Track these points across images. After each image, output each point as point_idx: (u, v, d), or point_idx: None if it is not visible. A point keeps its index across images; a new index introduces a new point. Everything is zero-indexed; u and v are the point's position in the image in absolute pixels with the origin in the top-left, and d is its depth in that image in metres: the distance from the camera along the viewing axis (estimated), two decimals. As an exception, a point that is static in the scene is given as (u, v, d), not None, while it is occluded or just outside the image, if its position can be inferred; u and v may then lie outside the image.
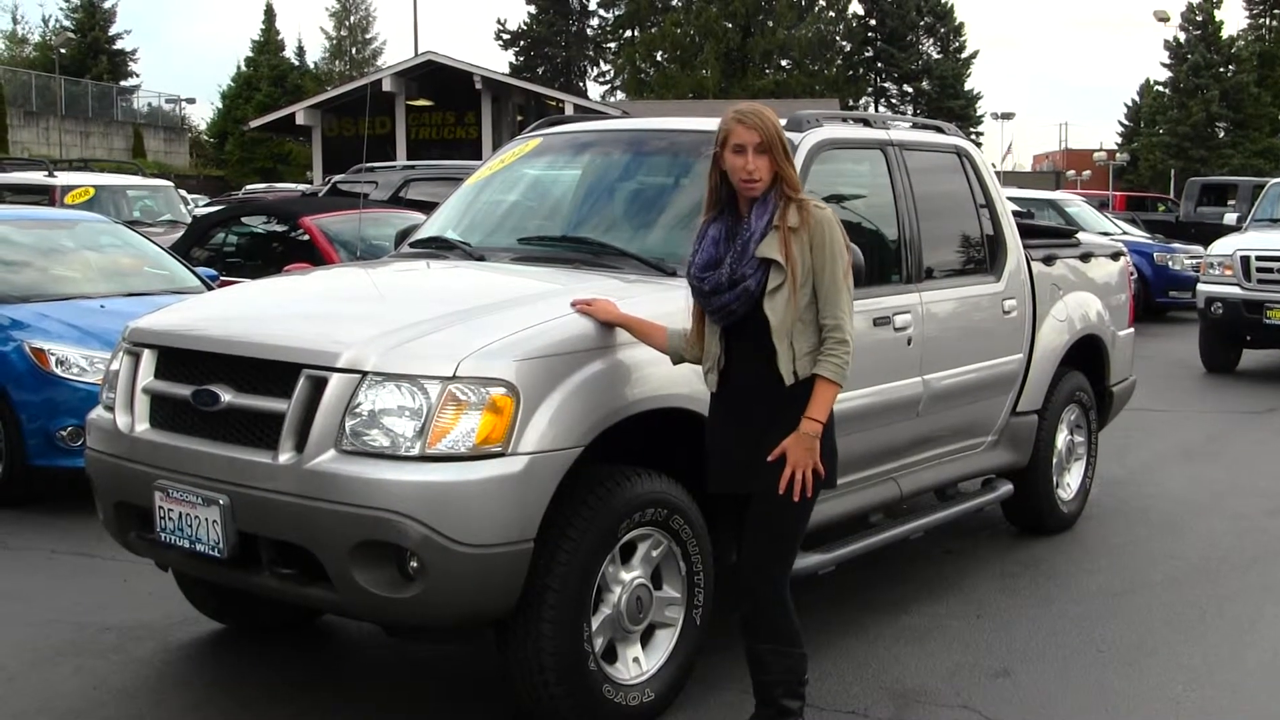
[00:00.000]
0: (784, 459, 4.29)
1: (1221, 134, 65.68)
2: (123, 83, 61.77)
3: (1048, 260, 7.53)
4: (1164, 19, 56.74)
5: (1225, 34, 67.67)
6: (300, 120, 39.41)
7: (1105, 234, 17.04)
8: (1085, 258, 8.02)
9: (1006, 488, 7.19)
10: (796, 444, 4.27)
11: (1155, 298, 20.12)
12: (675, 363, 4.71)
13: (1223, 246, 14.99)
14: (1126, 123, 75.55)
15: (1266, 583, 6.91)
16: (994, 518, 7.77)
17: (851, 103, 69.63)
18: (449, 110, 39.41)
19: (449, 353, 4.39)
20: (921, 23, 75.76)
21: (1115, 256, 8.47)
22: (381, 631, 4.98)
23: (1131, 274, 8.85)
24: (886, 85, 77.30)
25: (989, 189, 7.11)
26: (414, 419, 4.31)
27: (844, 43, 75.67)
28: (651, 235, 5.76)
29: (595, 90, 76.63)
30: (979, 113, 75.08)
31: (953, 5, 75.41)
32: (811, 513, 4.50)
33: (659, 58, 74.48)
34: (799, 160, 5.67)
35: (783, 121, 5.93)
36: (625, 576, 4.74)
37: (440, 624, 4.60)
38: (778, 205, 4.35)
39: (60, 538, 7.37)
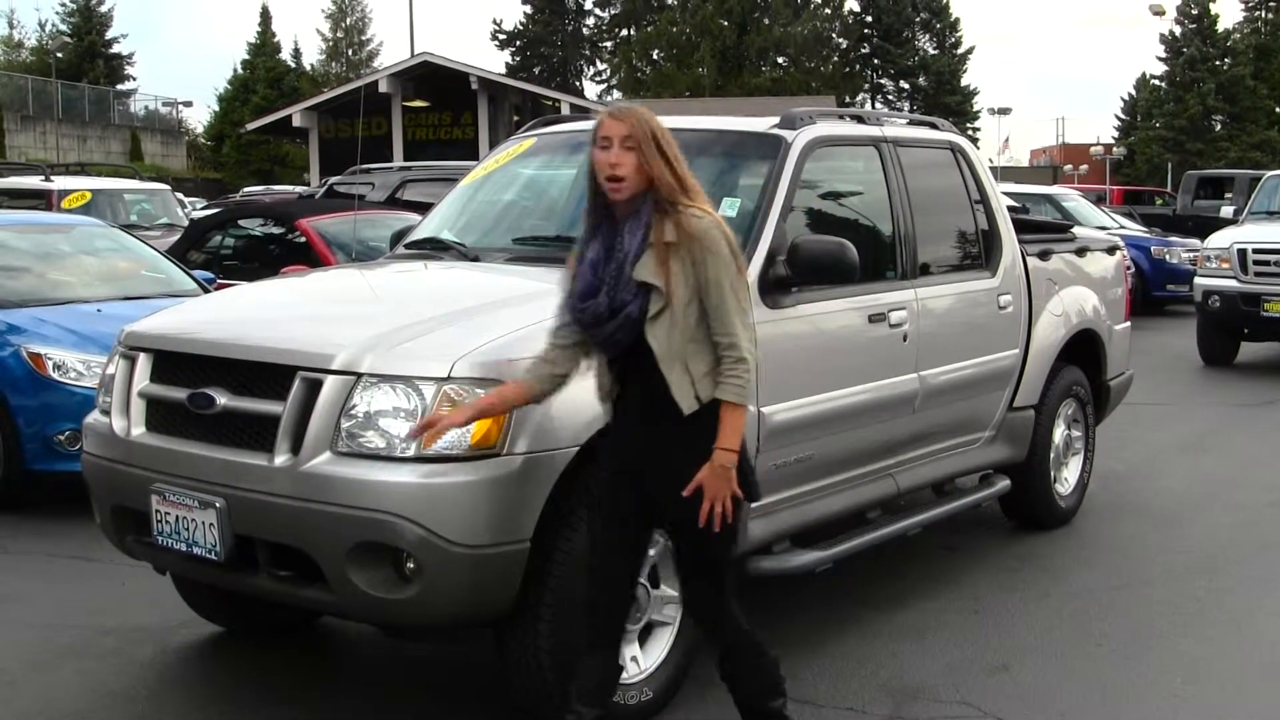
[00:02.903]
0: (700, 491, 3.94)
1: (1218, 127, 65.72)
2: (119, 86, 61.77)
3: (1043, 255, 7.53)
4: (1160, 13, 56.68)
5: (1221, 27, 67.75)
6: (297, 122, 39.47)
7: (1102, 228, 17.04)
8: (1081, 252, 8.02)
9: (1004, 483, 7.19)
10: (712, 476, 3.91)
11: (1152, 291, 20.11)
12: (541, 399, 4.27)
13: (1219, 240, 14.99)
14: (1123, 117, 75.57)
15: (1266, 576, 6.91)
16: (992, 513, 7.77)
17: (848, 99, 69.61)
18: (445, 111, 39.44)
19: (444, 354, 4.39)
20: (917, 19, 75.75)
21: (1111, 251, 8.47)
22: (379, 632, 4.98)
23: (1128, 268, 8.84)
24: (883, 81, 77.24)
25: (984, 184, 7.11)
26: (409, 420, 4.31)
27: (840, 39, 75.59)
28: (646, 234, 5.75)
29: (591, 89, 76.67)
30: (976, 108, 75.06)
31: (948, 1, 75.42)
32: (738, 533, 4.28)
33: (655, 56, 74.39)
34: (792, 157, 5.68)
35: (775, 119, 5.98)
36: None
37: (438, 624, 4.60)
38: (652, 218, 3.97)
39: (58, 542, 7.37)
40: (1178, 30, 67.14)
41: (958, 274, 6.81)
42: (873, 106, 72.19)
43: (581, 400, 4.51)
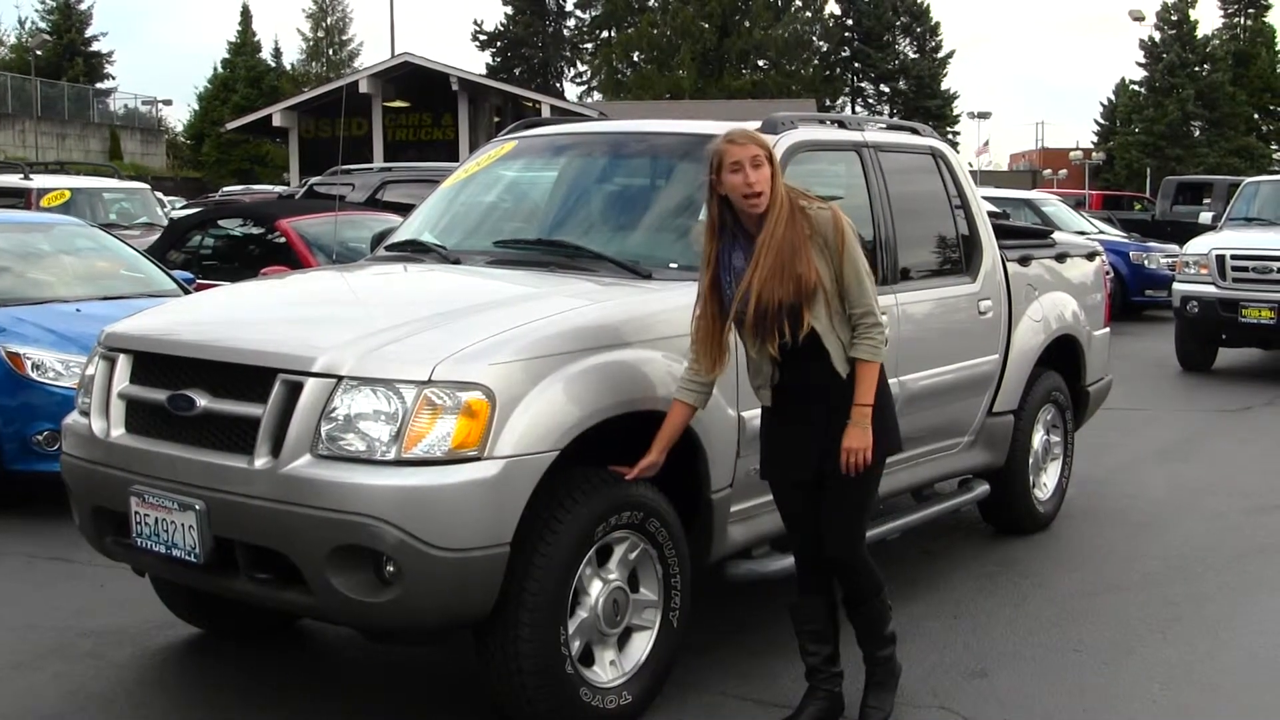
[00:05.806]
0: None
1: (1197, 133, 65.98)
2: (99, 84, 61.48)
3: (1023, 260, 7.54)
4: (1139, 18, 56.99)
5: (1200, 33, 68.00)
6: (277, 122, 39.35)
7: (1082, 233, 17.09)
8: (1061, 258, 8.04)
9: (983, 488, 7.21)
10: (854, 430, 4.54)
11: (1131, 297, 20.14)
12: (704, 404, 4.81)
13: (1198, 245, 15.04)
14: (1102, 122, 75.77)
15: (1244, 581, 6.93)
16: (971, 518, 7.79)
17: (828, 103, 69.74)
18: (426, 111, 39.40)
19: (424, 357, 4.38)
20: (898, 22, 75.89)
21: (1091, 256, 8.48)
22: (359, 635, 4.98)
23: (1108, 273, 8.87)
24: (863, 85, 77.40)
25: (964, 190, 7.12)
26: (390, 423, 4.30)
27: (820, 43, 75.73)
28: (627, 238, 5.77)
29: (572, 91, 76.65)
30: (956, 112, 75.27)
31: (929, 5, 75.59)
32: (879, 480, 4.85)
33: (635, 58, 74.46)
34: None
35: (758, 124, 5.97)
36: (602, 579, 4.74)
37: (417, 628, 4.59)
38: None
39: (37, 543, 7.33)
40: (1157, 36, 67.45)
41: (938, 279, 6.82)
42: (853, 110, 72.33)
43: (561, 405, 4.52)
